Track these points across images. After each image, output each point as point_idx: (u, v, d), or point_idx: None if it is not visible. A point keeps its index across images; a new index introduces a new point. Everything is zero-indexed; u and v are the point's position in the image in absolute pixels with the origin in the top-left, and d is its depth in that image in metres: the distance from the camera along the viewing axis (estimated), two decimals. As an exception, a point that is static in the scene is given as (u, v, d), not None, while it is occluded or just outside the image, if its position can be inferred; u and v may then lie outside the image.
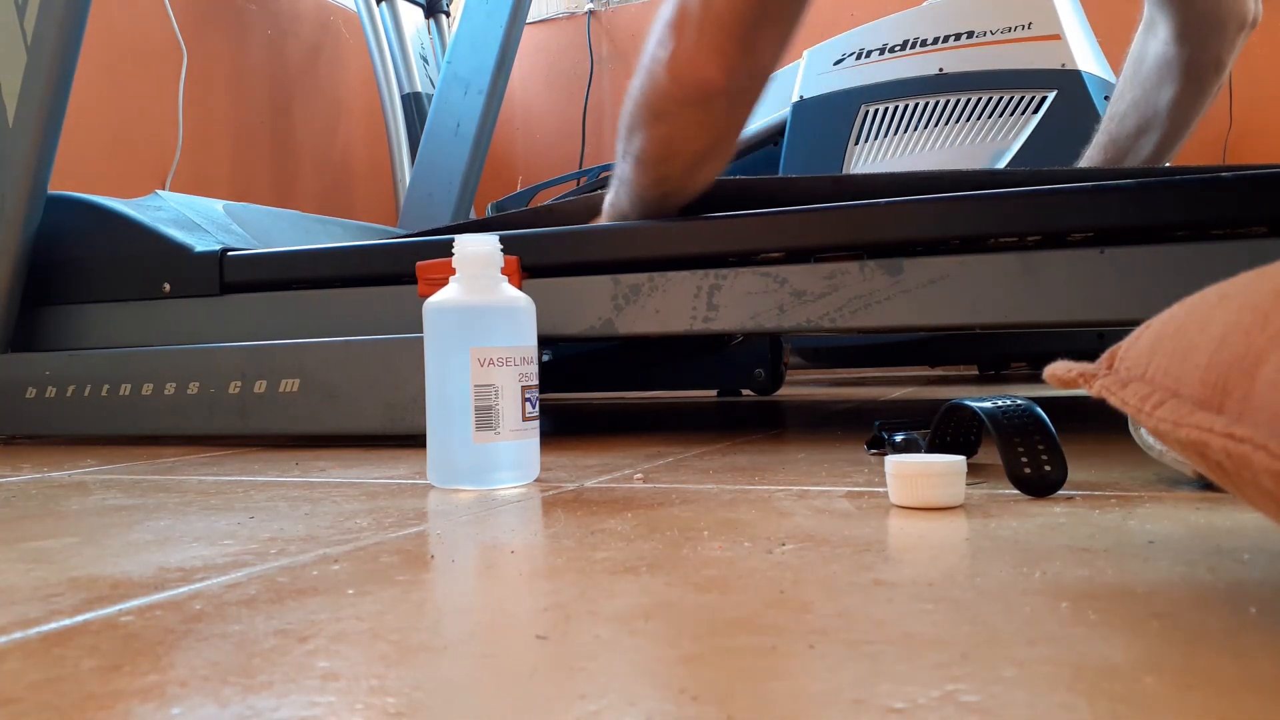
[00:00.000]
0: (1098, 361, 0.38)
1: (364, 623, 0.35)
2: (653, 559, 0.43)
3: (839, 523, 0.50)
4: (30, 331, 1.23)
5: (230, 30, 2.28)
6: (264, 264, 1.13)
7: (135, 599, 0.39)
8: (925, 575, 0.39)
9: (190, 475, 0.80)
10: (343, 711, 0.26)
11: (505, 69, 1.90)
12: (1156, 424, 0.33)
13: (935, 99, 1.62)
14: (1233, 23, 1.01)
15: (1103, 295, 0.82)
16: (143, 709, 0.27)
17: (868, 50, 1.70)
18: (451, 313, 0.67)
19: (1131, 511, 0.51)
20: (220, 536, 0.52)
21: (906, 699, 0.26)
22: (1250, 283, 0.32)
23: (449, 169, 1.89)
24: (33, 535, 0.54)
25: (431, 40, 2.52)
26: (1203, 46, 1.03)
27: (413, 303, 1.02)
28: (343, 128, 2.61)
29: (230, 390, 1.02)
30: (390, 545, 0.48)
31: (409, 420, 0.94)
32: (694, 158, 0.89)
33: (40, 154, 1.20)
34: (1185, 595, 0.35)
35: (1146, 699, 0.25)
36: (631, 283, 0.95)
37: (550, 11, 3.01)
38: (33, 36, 1.17)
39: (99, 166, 1.93)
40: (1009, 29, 1.60)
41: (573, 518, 0.55)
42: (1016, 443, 0.56)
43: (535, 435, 0.69)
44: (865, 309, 0.88)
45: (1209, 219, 0.81)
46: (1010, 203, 0.85)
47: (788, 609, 0.35)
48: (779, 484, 0.65)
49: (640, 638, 0.32)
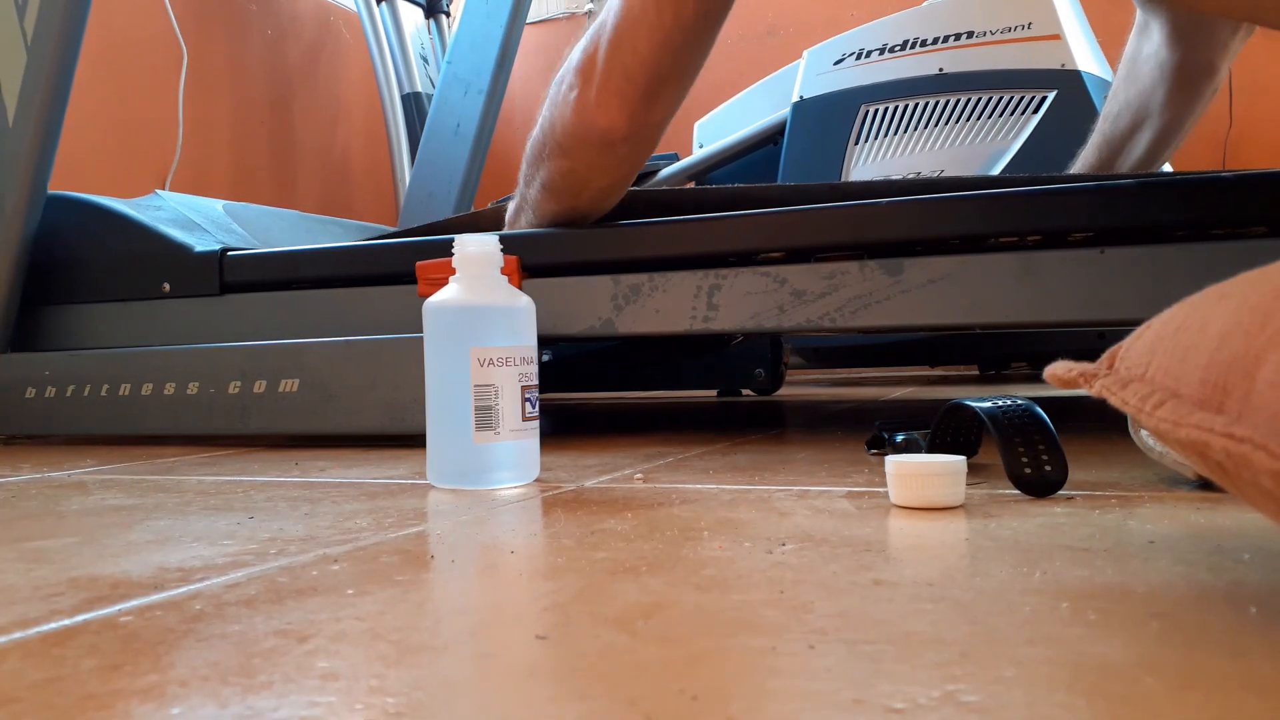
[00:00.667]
0: (1098, 361, 0.38)
1: (364, 623, 0.35)
2: (653, 559, 0.43)
3: (839, 523, 0.50)
4: (30, 331, 1.23)
5: (230, 30, 2.28)
6: (264, 264, 1.13)
7: (135, 599, 0.39)
8: (925, 575, 0.39)
9: (190, 475, 0.80)
10: (343, 711, 0.26)
11: (505, 69, 1.90)
12: (1156, 424, 0.33)
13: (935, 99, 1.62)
14: (1225, 27, 1.01)
15: (1103, 295, 0.82)
16: (142, 709, 0.27)
17: (868, 50, 1.70)
18: (451, 313, 0.67)
19: (1132, 511, 0.51)
20: (220, 536, 0.52)
21: (906, 699, 0.26)
22: (1250, 283, 0.32)
23: (449, 169, 1.89)
24: (32, 535, 0.54)
25: (431, 40, 2.52)
26: (1195, 50, 1.02)
27: (413, 303, 1.02)
28: (342, 127, 2.61)
29: (230, 390, 1.02)
30: (390, 545, 0.48)
31: (409, 420, 0.94)
32: (597, 192, 0.96)
33: (40, 154, 1.20)
34: (1185, 595, 0.35)
35: (1146, 699, 0.25)
36: (631, 282, 0.95)
37: (550, 11, 3.01)
38: (33, 36, 1.17)
39: (99, 166, 1.93)
40: (1009, 29, 1.60)
41: (573, 518, 0.54)
42: (1017, 443, 0.56)
43: (535, 435, 0.69)
44: (865, 309, 0.88)
45: (1209, 219, 0.81)
46: (1010, 202, 0.85)
47: (788, 609, 0.35)
48: (779, 484, 0.65)
49: (640, 637, 0.32)
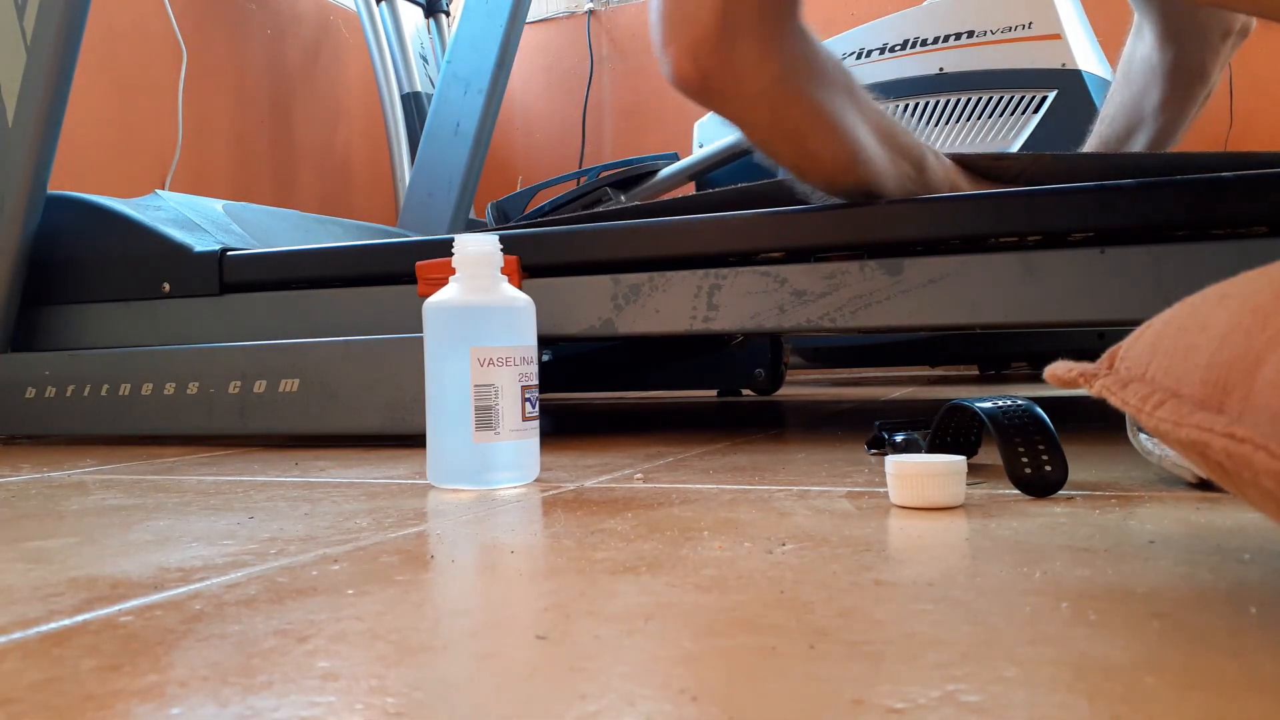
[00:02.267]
0: (1098, 361, 0.38)
1: (364, 623, 0.35)
2: (653, 559, 0.43)
3: (839, 523, 0.50)
4: (30, 331, 1.23)
5: (230, 30, 2.28)
6: (264, 264, 1.13)
7: (135, 599, 0.39)
8: (925, 575, 0.39)
9: (190, 475, 0.79)
10: (342, 711, 0.26)
11: (505, 68, 1.90)
12: (1157, 424, 0.32)
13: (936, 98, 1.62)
14: (1215, 31, 1.02)
15: (1103, 295, 0.82)
16: (142, 709, 0.27)
17: (868, 50, 1.70)
18: (451, 312, 0.67)
19: (1132, 511, 0.51)
20: (220, 536, 0.52)
21: (907, 699, 0.26)
22: (1251, 283, 0.32)
23: (449, 169, 1.89)
24: (32, 535, 0.54)
25: (431, 40, 2.52)
26: (1185, 53, 1.03)
27: (413, 302, 1.01)
28: (342, 127, 2.61)
29: (230, 390, 1.02)
30: (390, 545, 0.48)
31: (409, 420, 0.94)
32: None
33: (40, 153, 1.20)
34: (1186, 595, 0.35)
35: (1147, 699, 0.25)
36: (631, 282, 0.95)
37: (550, 11, 3.01)
38: (32, 36, 1.17)
39: (99, 166, 1.93)
40: (1009, 28, 1.60)
41: (573, 518, 0.54)
42: (1017, 443, 0.56)
43: (535, 435, 0.69)
44: (865, 309, 0.88)
45: (1209, 219, 0.81)
46: (1010, 202, 0.85)
47: (788, 609, 0.35)
48: (779, 484, 0.65)
49: (640, 638, 0.32)
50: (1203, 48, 1.03)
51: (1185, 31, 1.02)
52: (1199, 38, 1.02)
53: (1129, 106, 1.09)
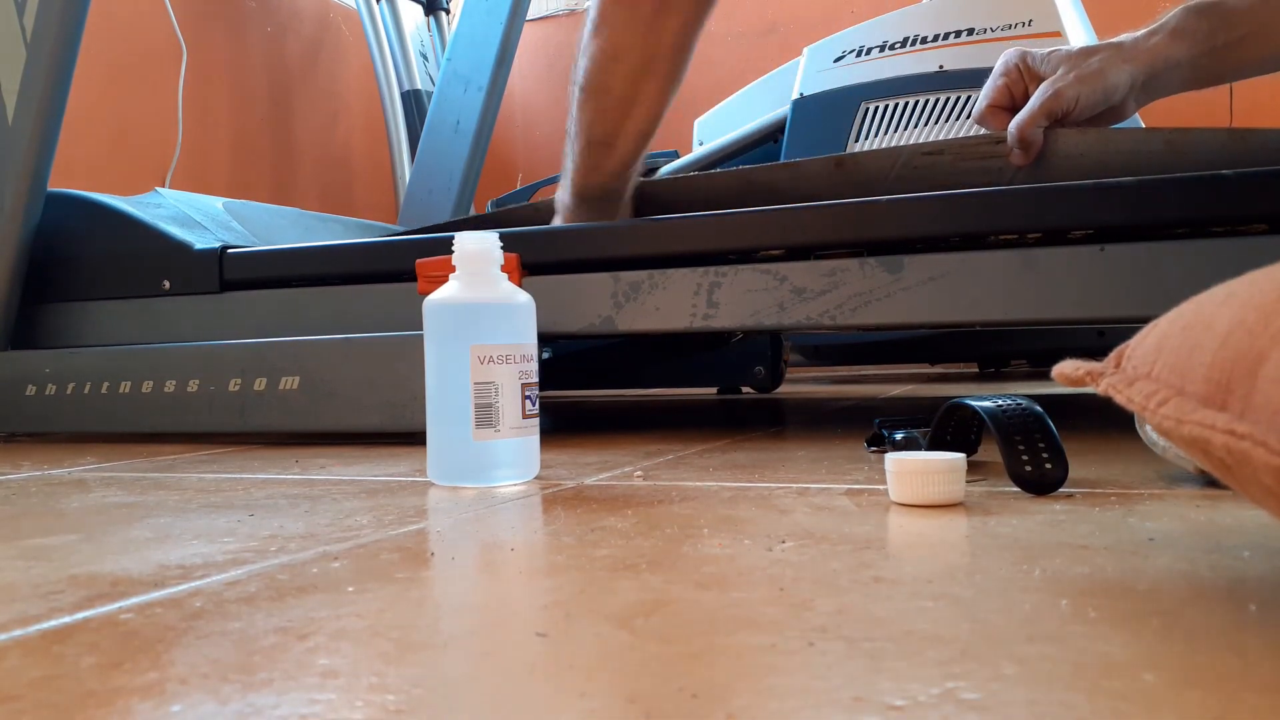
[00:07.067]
0: (1105, 360, 0.38)
1: (364, 620, 0.35)
2: (653, 556, 0.43)
3: (839, 520, 0.50)
4: (30, 329, 1.23)
5: (230, 27, 2.28)
6: (264, 261, 1.12)
7: (135, 596, 0.39)
8: (925, 572, 0.39)
9: (190, 473, 0.79)
10: (342, 709, 0.26)
11: (505, 66, 1.90)
12: (1160, 421, 0.33)
13: (936, 96, 1.62)
14: None
15: (1103, 292, 0.82)
16: (142, 706, 0.27)
17: (868, 47, 1.70)
18: (451, 310, 0.67)
19: (1132, 509, 0.51)
20: (220, 534, 0.52)
21: (906, 696, 0.26)
22: (1255, 281, 0.32)
23: (449, 166, 1.89)
24: (33, 532, 0.54)
25: (431, 37, 2.52)
26: None
27: (413, 300, 1.01)
28: (342, 125, 2.61)
29: (230, 388, 1.02)
30: (390, 543, 0.48)
31: (409, 418, 0.94)
32: (631, 71, 0.95)
33: (40, 151, 1.19)
34: (1185, 592, 0.35)
35: (1146, 696, 0.25)
36: (631, 280, 0.95)
37: (550, 8, 3.01)
38: (32, 34, 1.17)
39: (99, 164, 1.93)
40: (1009, 26, 1.60)
41: (573, 515, 0.54)
42: (1017, 441, 0.56)
43: (535, 433, 0.69)
44: (865, 306, 0.88)
45: (1209, 216, 0.81)
46: (1010, 200, 0.85)
47: (787, 606, 0.35)
48: (779, 481, 0.65)
49: (640, 635, 0.32)
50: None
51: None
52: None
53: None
